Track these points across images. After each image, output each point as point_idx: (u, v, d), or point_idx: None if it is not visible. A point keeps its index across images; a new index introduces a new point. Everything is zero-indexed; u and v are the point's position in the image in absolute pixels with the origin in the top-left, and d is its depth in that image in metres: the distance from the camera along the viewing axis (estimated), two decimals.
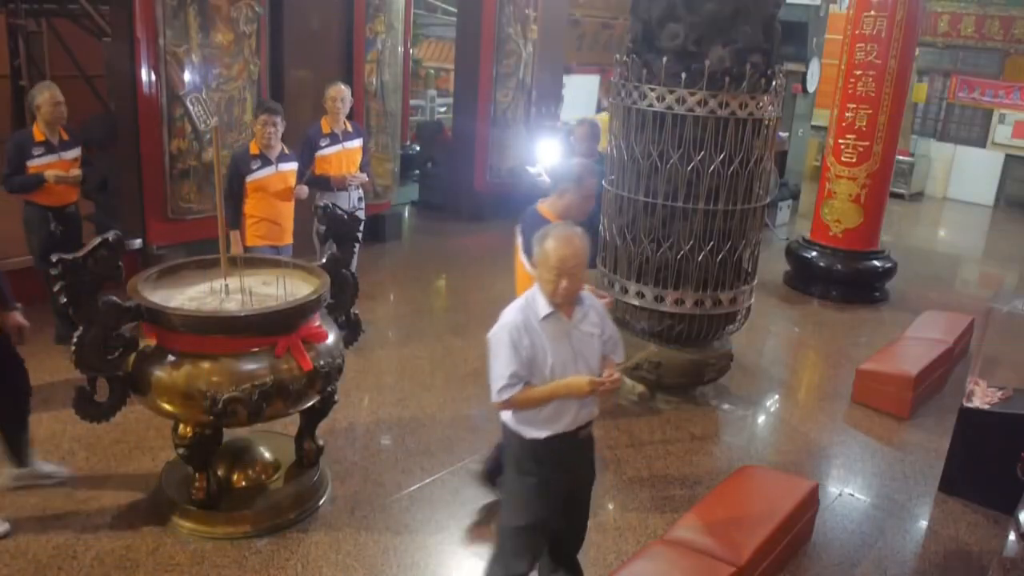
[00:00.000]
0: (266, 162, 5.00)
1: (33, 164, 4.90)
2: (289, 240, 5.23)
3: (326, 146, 5.57)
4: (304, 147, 5.54)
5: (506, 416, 2.88)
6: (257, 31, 6.63)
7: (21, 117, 7.94)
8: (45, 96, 4.90)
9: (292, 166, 5.18)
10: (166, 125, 6.19)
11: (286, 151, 5.14)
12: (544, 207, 3.63)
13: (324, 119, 5.63)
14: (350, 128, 5.73)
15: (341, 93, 5.58)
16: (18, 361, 3.67)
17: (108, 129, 7.04)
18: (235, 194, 4.97)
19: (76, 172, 5.03)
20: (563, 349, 2.76)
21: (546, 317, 2.74)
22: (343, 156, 5.64)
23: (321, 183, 5.54)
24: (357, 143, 5.76)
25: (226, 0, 6.36)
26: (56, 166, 4.95)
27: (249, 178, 4.97)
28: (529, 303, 2.78)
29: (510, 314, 2.77)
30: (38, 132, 4.94)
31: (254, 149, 5.01)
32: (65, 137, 5.06)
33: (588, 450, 3.03)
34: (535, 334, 2.72)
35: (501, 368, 2.71)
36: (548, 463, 2.84)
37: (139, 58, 5.98)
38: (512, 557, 2.95)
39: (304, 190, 5.22)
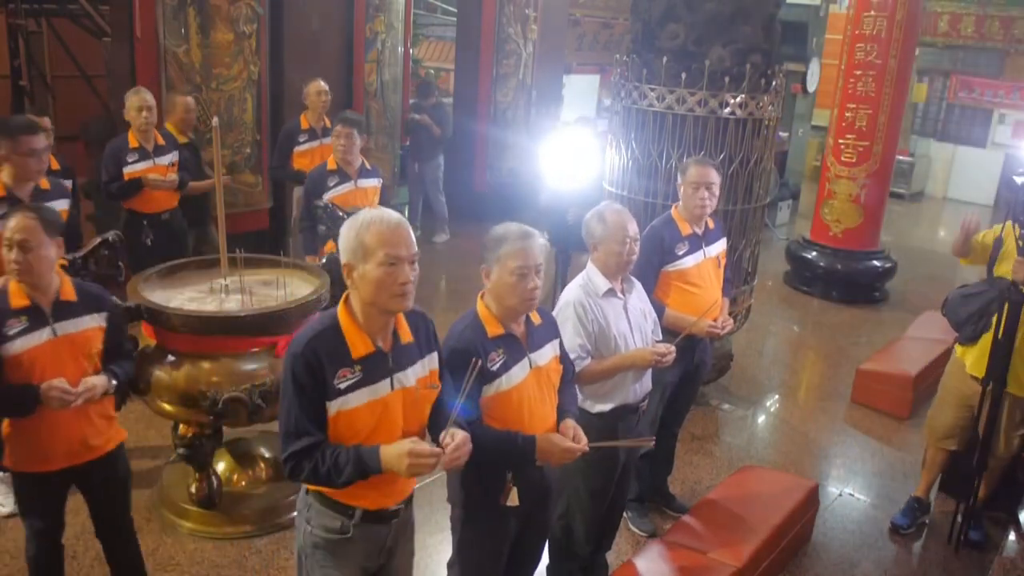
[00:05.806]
0: (344, 178, 4.62)
1: (128, 171, 4.86)
2: None
3: (304, 141, 5.70)
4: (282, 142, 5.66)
5: None
6: (257, 31, 6.62)
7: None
8: (131, 102, 4.87)
9: (374, 182, 4.78)
10: None
11: (367, 165, 4.79)
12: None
13: (304, 115, 5.74)
14: (329, 124, 5.71)
15: (320, 87, 5.67)
16: None
17: (108, 129, 7.03)
18: (312, 216, 4.45)
19: (173, 177, 4.96)
20: (622, 323, 2.93)
21: (605, 294, 2.90)
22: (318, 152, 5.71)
23: (298, 177, 5.58)
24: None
25: (226, 0, 6.36)
26: (151, 171, 4.89)
27: (326, 196, 4.48)
28: (587, 282, 2.93)
29: (571, 293, 2.91)
30: (132, 138, 4.90)
31: (331, 165, 4.65)
32: (161, 142, 5.02)
33: (642, 422, 3.21)
34: (597, 310, 2.88)
35: (569, 342, 2.82)
36: (612, 433, 2.96)
37: (139, 58, 5.97)
38: (581, 535, 3.12)
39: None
